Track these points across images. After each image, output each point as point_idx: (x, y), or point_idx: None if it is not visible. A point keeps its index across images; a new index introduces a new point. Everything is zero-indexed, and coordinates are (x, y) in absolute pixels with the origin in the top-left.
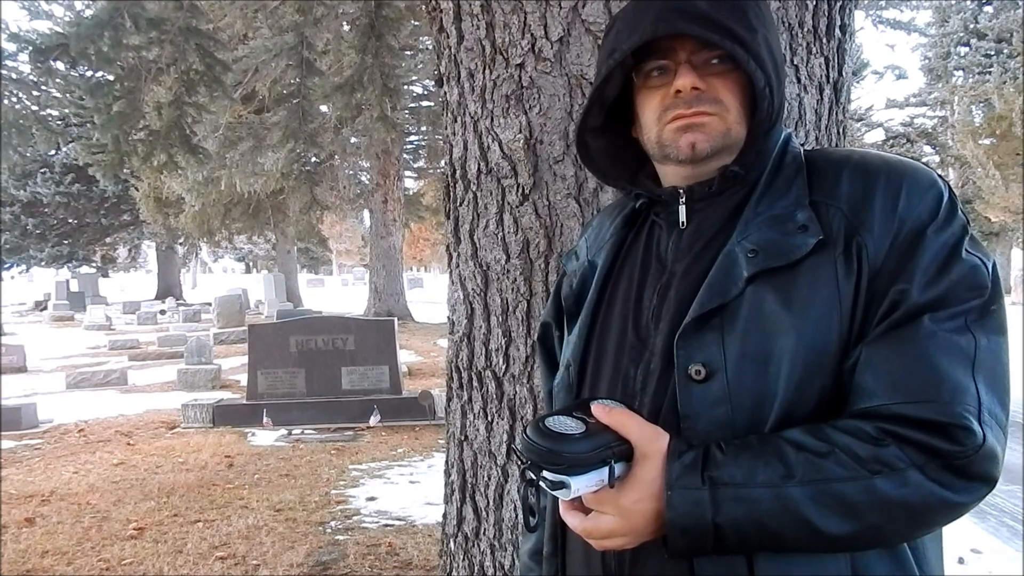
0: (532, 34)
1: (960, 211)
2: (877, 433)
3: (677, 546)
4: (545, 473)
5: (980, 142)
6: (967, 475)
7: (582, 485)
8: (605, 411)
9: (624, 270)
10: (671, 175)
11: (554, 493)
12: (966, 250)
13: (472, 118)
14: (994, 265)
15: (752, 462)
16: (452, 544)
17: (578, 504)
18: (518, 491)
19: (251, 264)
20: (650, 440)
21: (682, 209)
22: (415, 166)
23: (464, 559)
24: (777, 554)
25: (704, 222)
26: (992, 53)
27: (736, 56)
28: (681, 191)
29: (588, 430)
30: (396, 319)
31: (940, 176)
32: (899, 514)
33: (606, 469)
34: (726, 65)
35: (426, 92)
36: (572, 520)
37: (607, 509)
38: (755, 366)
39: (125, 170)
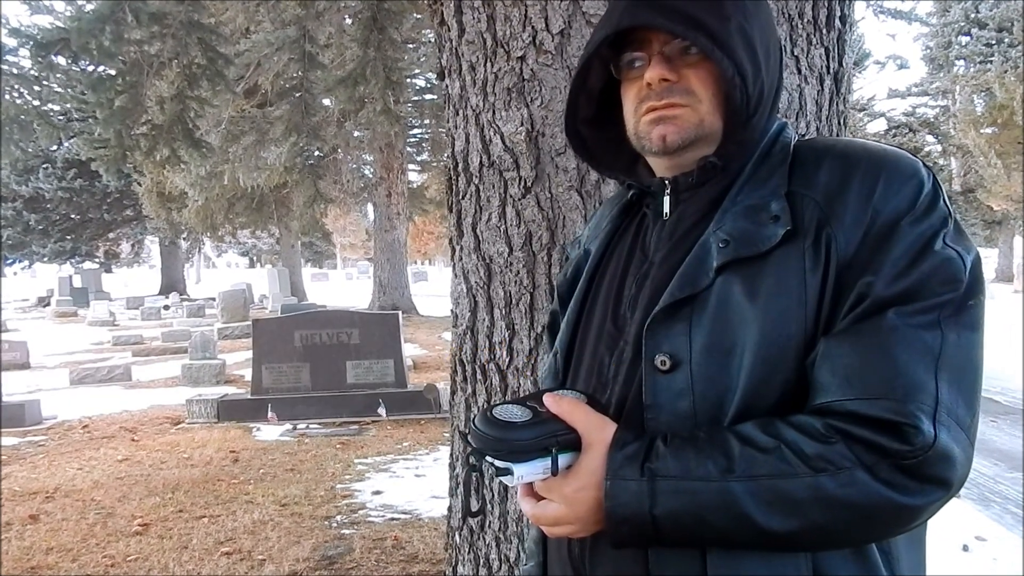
0: (533, 27)
1: (943, 203)
2: (826, 430)
3: (618, 536)
4: (491, 459)
5: (982, 131)
6: (919, 477)
7: (526, 472)
8: (554, 400)
9: (612, 259)
10: (657, 166)
11: (500, 479)
12: (944, 243)
13: (474, 111)
14: (976, 258)
15: (696, 455)
16: (457, 537)
17: (533, 490)
18: (463, 476)
19: (255, 258)
20: (596, 430)
21: (666, 200)
22: (419, 159)
23: (469, 552)
24: (730, 551)
25: (685, 212)
26: (993, 42)
27: (700, 46)
28: (667, 182)
29: (534, 418)
30: (401, 312)
31: (926, 166)
32: (845, 514)
33: (549, 460)
34: (700, 55)
35: (429, 85)
36: (525, 506)
37: (553, 497)
38: (719, 358)
39: (128, 165)
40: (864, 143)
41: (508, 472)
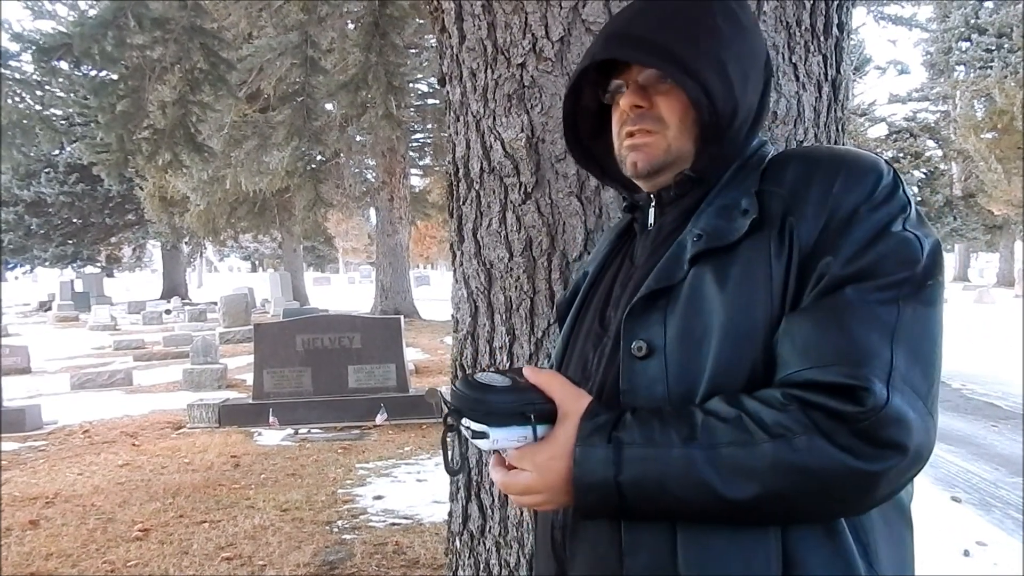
0: (533, 34)
1: (902, 193)
2: (784, 398)
3: (585, 504)
4: (467, 422)
5: (982, 136)
6: (874, 440)
7: (501, 437)
8: (533, 372)
9: (607, 275)
10: (641, 185)
11: (475, 442)
12: (904, 227)
13: (474, 117)
14: (935, 244)
15: (660, 426)
16: (458, 542)
17: (504, 461)
18: (440, 436)
19: (257, 263)
20: (572, 400)
21: (652, 212)
22: (421, 163)
23: (470, 557)
24: (700, 534)
25: (666, 221)
26: (993, 48)
27: (667, 72)
28: (651, 196)
29: (513, 385)
30: (403, 317)
31: (887, 162)
32: (802, 480)
33: (528, 427)
34: (672, 83)
35: (431, 90)
36: (495, 474)
37: (525, 465)
38: (691, 344)
39: (130, 169)
40: (830, 147)
41: (484, 436)
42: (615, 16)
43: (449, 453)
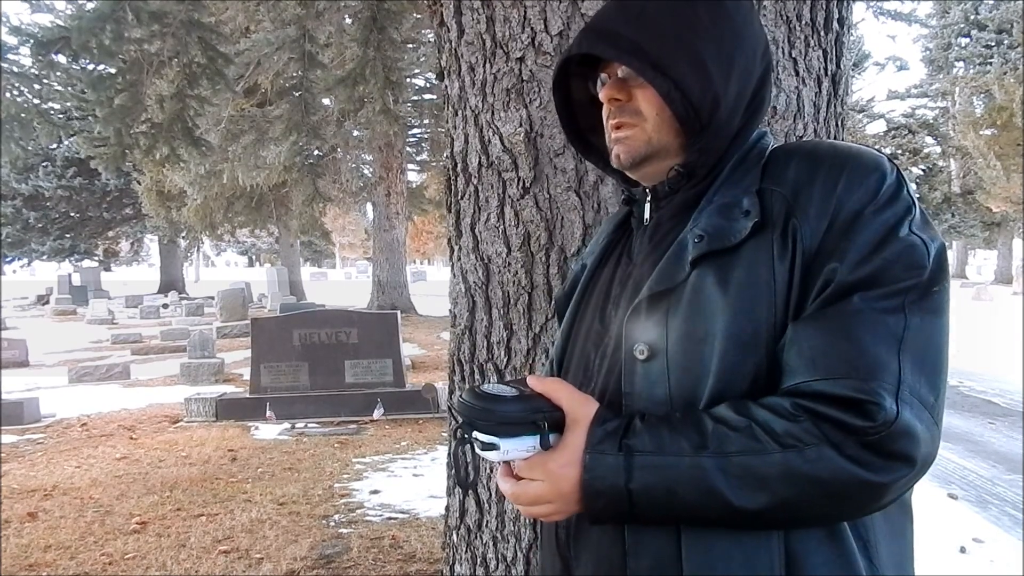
0: (532, 28)
1: (907, 193)
2: (794, 409)
3: (595, 510)
4: (476, 434)
5: (981, 133)
6: (883, 453)
7: (511, 447)
8: (538, 380)
9: (606, 269)
10: (635, 177)
11: (484, 454)
12: (910, 230)
13: (473, 112)
14: (940, 247)
15: (670, 433)
16: (455, 536)
17: (511, 471)
18: (452, 451)
19: (254, 257)
20: (580, 406)
21: (647, 207)
22: (418, 159)
23: (467, 551)
24: (704, 537)
25: (663, 216)
26: (993, 44)
27: (633, 68)
28: (647, 190)
29: (521, 395)
30: (399, 312)
31: (890, 159)
32: (811, 490)
33: (537, 437)
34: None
35: (429, 85)
36: (504, 485)
37: (536, 474)
38: (693, 347)
39: (127, 163)
40: (833, 143)
41: (493, 447)
42: (599, 10)
43: (460, 466)
